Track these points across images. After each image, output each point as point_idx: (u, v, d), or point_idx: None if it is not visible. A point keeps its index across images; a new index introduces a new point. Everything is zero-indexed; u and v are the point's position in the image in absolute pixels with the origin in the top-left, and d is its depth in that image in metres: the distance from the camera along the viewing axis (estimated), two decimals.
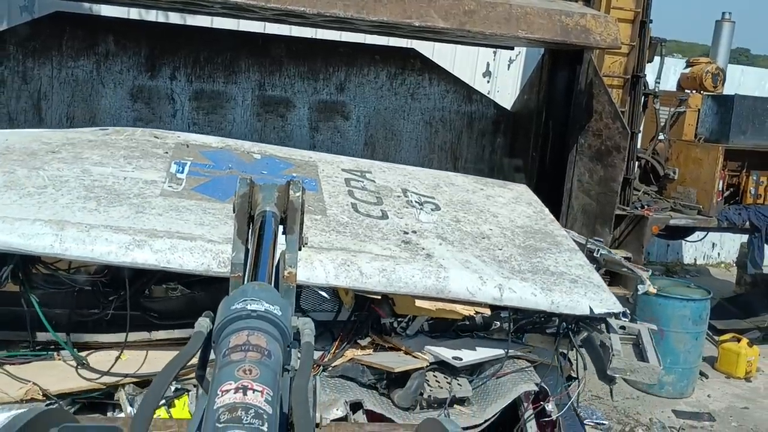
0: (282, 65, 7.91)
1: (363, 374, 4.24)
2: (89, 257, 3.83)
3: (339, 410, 3.96)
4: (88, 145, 5.13)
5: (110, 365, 4.12)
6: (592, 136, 7.43)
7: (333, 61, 8.25)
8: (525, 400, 4.29)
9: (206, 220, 4.26)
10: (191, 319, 4.18)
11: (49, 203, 4.14)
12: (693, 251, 14.72)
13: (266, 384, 1.20)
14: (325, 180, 5.26)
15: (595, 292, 4.44)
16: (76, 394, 4.01)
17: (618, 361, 4.18)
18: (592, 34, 6.59)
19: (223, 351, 1.29)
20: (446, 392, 4.16)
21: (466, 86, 8.90)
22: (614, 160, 7.20)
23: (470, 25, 6.16)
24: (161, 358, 4.25)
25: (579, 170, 7.68)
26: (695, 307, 8.12)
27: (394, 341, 4.47)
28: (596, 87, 7.35)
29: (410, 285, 4.12)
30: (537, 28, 6.35)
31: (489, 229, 5.13)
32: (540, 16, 6.35)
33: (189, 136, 5.73)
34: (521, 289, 4.25)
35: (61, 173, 4.53)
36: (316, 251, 4.13)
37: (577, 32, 6.54)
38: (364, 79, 8.31)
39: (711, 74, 10.06)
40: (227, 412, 1.11)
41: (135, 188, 4.49)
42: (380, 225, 4.71)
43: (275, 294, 1.52)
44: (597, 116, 7.33)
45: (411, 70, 8.48)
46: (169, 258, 3.83)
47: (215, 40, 7.80)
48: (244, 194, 1.86)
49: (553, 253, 4.91)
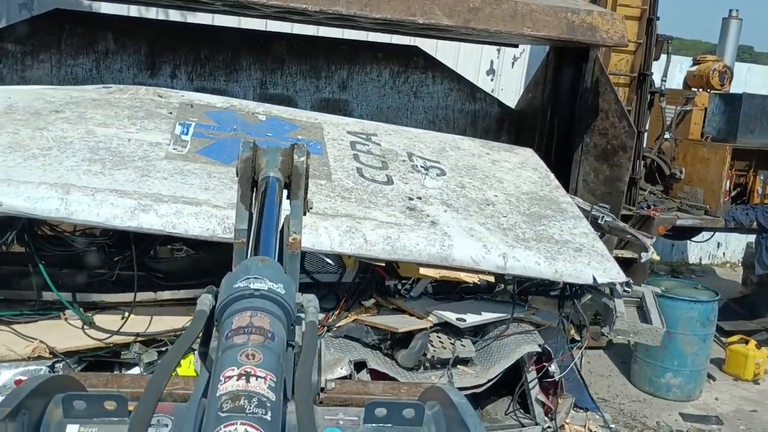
0: (284, 63, 7.94)
1: (367, 335, 4.39)
2: (95, 221, 3.91)
3: (343, 369, 4.09)
4: (91, 104, 5.17)
5: (116, 325, 4.27)
6: (598, 135, 7.45)
7: (335, 59, 8.28)
8: (528, 362, 4.47)
9: (211, 184, 4.33)
10: (196, 280, 4.45)
11: (54, 166, 4.20)
12: (698, 251, 14.58)
13: (269, 369, 1.21)
14: (330, 143, 5.33)
15: (599, 261, 4.55)
16: (82, 353, 4.18)
17: (621, 323, 4.35)
18: (599, 31, 6.59)
19: (226, 333, 1.31)
20: (449, 353, 4.32)
21: (469, 84, 8.94)
22: (620, 160, 7.21)
23: (475, 22, 6.15)
24: (167, 318, 4.37)
25: (584, 169, 7.69)
26: (703, 308, 8.09)
27: (397, 303, 4.62)
28: (602, 85, 7.37)
29: (414, 253, 4.23)
30: (542, 25, 6.34)
31: (494, 195, 5.23)
32: (546, 14, 6.34)
33: (193, 95, 5.79)
34: (525, 258, 4.38)
35: (66, 134, 4.58)
36: (321, 218, 4.21)
37: (583, 30, 6.54)
38: (367, 77, 8.36)
39: (718, 72, 9.99)
40: (230, 400, 1.13)
41: (139, 151, 4.55)
42: (385, 190, 4.80)
43: (279, 270, 1.53)
44: (603, 115, 7.36)
45: (414, 68, 8.53)
46: (174, 223, 3.93)
47: (216, 38, 7.82)
48: (247, 159, 1.88)
49: (557, 220, 5.01)
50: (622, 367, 8.88)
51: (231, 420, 1.09)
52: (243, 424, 1.08)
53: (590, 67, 7.56)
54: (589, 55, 7.55)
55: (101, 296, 4.51)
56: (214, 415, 1.13)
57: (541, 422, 4.47)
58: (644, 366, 8.34)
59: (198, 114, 5.24)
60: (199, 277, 4.60)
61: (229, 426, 1.08)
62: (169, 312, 4.47)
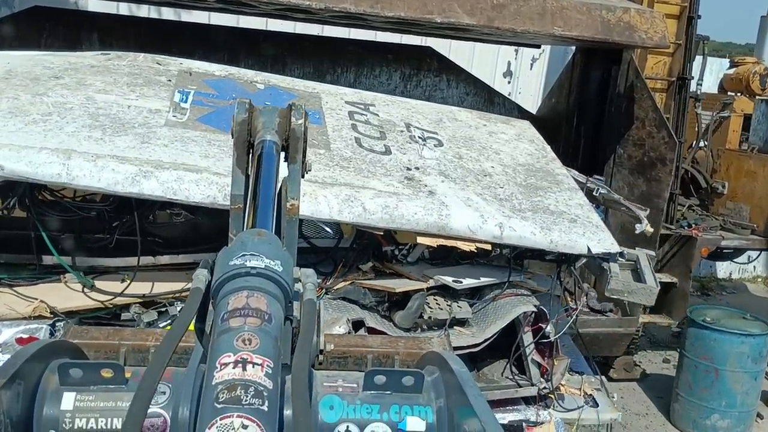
0: (285, 65, 8.16)
1: (365, 296, 4.95)
2: (96, 187, 4.36)
3: (341, 328, 4.55)
4: (90, 71, 5.69)
5: (115, 288, 4.84)
6: (633, 145, 7.60)
7: (341, 61, 8.49)
8: (524, 323, 4.99)
9: (211, 152, 4.80)
10: (195, 245, 5.29)
11: (55, 131, 4.64)
12: (728, 265, 14.86)
13: (266, 355, 1.34)
14: (328, 113, 5.90)
15: (594, 232, 5.09)
16: (82, 313, 4.69)
17: (616, 283, 4.92)
18: (637, 31, 6.66)
19: (222, 314, 1.44)
20: (446, 314, 4.86)
21: (487, 88, 9.21)
22: (659, 174, 7.38)
23: (499, 21, 6.19)
24: (166, 281, 4.95)
25: (617, 184, 7.75)
26: (755, 343, 8.15)
27: (395, 267, 5.18)
28: (638, 91, 7.44)
29: (412, 222, 4.75)
30: (575, 24, 6.38)
31: (491, 166, 5.80)
32: (578, 11, 6.37)
33: (192, 63, 6.33)
34: (521, 228, 4.93)
35: (65, 100, 5.08)
36: (321, 186, 4.65)
37: (620, 29, 6.58)
38: (376, 80, 8.71)
39: (759, 75, 10.47)
40: (226, 390, 1.26)
41: (139, 117, 5.07)
42: (383, 160, 5.34)
43: (276, 245, 1.65)
44: (639, 123, 7.49)
45: (427, 71, 8.85)
46: (175, 189, 4.41)
47: (211, 38, 8.04)
48: (243, 121, 2.06)
49: (553, 192, 5.58)
50: (659, 403, 9.08)
51: (227, 412, 1.24)
52: (239, 417, 1.23)
53: (623, 70, 7.64)
54: (622, 57, 7.60)
55: (100, 261, 5.02)
56: (210, 405, 1.26)
57: (537, 383, 5.02)
58: (687, 405, 8.49)
59: (197, 82, 5.87)
60: (197, 242, 5.18)
61: (225, 419, 1.23)
62: (169, 277, 4.99)
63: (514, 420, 5.04)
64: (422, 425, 1.64)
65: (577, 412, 5.29)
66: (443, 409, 1.64)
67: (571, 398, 5.38)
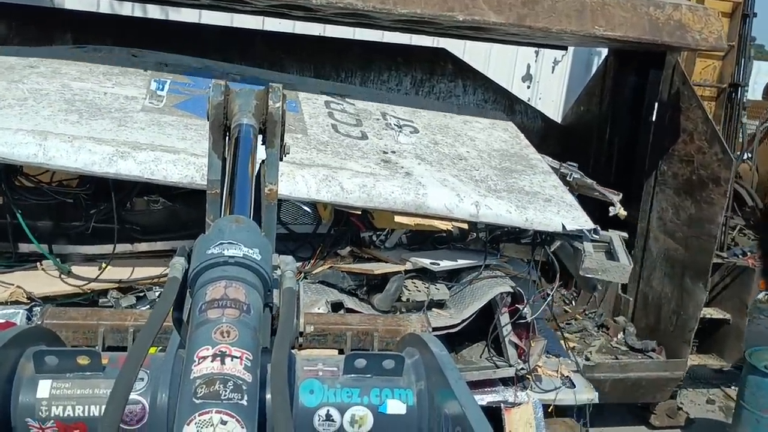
0: (283, 69, 7.42)
1: (344, 280, 4.96)
2: (73, 167, 4.30)
3: (320, 309, 4.53)
4: (66, 61, 5.66)
5: (93, 274, 4.80)
6: (679, 162, 6.60)
7: (345, 64, 7.70)
8: (501, 304, 5.02)
9: (188, 135, 4.78)
10: (173, 232, 5.32)
11: (31, 114, 4.61)
12: None
13: (245, 347, 1.31)
14: (305, 102, 5.87)
15: (568, 210, 5.11)
16: (60, 298, 4.66)
17: (590, 261, 4.92)
18: (690, 31, 5.89)
19: (200, 305, 1.41)
20: (424, 296, 4.88)
21: (507, 94, 8.31)
22: (711, 195, 6.33)
23: (531, 19, 5.48)
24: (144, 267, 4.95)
25: (660, 205, 6.87)
26: None
27: (373, 252, 5.17)
28: (685, 99, 6.51)
29: (390, 201, 4.75)
30: (618, 23, 5.65)
31: (466, 151, 5.80)
32: (622, 8, 5.67)
33: (168, 56, 6.26)
34: (497, 206, 4.94)
35: (41, 87, 5.05)
36: (298, 167, 4.65)
37: (670, 29, 5.83)
38: (384, 85, 7.86)
39: None
40: (204, 385, 1.24)
41: (116, 103, 5.04)
42: (360, 145, 5.35)
43: (254, 232, 1.62)
44: (686, 137, 6.51)
45: (441, 75, 7.99)
46: (152, 169, 4.38)
47: (202, 39, 7.39)
48: (219, 104, 2.03)
49: (528, 174, 5.58)
50: None
51: (206, 408, 1.21)
52: (218, 413, 1.21)
53: (667, 75, 6.69)
54: (666, 61, 6.66)
55: (77, 248, 4.97)
56: (188, 400, 1.23)
57: (515, 364, 5.05)
58: None
59: (173, 72, 5.87)
60: (175, 229, 5.16)
61: (204, 414, 1.21)
62: (147, 264, 4.99)
63: (492, 401, 5.07)
64: (403, 408, 1.63)
65: (555, 393, 5.32)
66: (424, 392, 1.64)
67: (549, 380, 5.42)
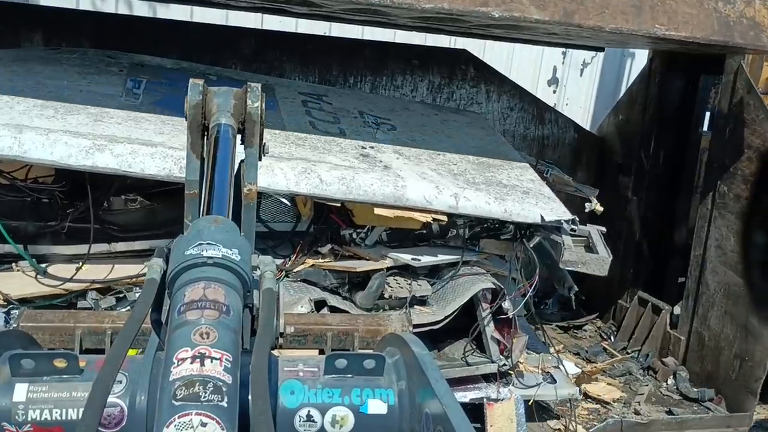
0: (283, 73, 6.93)
1: (325, 278, 4.95)
2: (49, 159, 4.23)
3: (303, 308, 4.49)
4: (39, 61, 5.58)
5: (70, 275, 4.70)
6: (743, 183, 5.92)
7: (353, 67, 7.10)
8: (483, 301, 5.01)
9: (166, 129, 4.74)
10: (151, 231, 5.28)
11: (5, 110, 4.54)
12: None
13: (225, 349, 1.32)
14: (282, 101, 5.89)
15: (546, 202, 5.11)
16: (37, 300, 4.58)
17: (570, 254, 4.93)
18: (765, 31, 5.12)
19: (178, 306, 1.40)
20: (406, 292, 4.89)
21: (535, 101, 7.61)
22: None
23: (581, 16, 4.80)
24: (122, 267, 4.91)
25: (719, 232, 6.14)
26: None
27: (353, 250, 5.16)
28: (751, 110, 5.84)
29: (369, 193, 4.74)
30: (683, 21, 4.96)
31: (444, 147, 5.85)
32: (686, 4, 4.98)
33: (144, 57, 6.23)
34: (476, 198, 4.94)
35: (14, 84, 4.99)
36: (277, 160, 4.62)
37: (742, 29, 5.07)
38: (398, 91, 7.24)
39: None
40: (184, 387, 1.23)
41: (92, 100, 4.99)
42: (338, 140, 5.35)
43: (233, 233, 1.61)
44: (751, 153, 5.83)
45: (462, 80, 7.35)
46: (130, 162, 4.32)
47: (192, 38, 6.85)
48: (197, 104, 2.02)
49: (505, 169, 5.62)
50: None
51: (186, 410, 1.21)
52: (198, 414, 1.21)
53: (727, 81, 6.00)
54: (726, 66, 5.99)
55: (53, 248, 4.90)
56: (167, 402, 1.22)
57: (497, 360, 5.04)
58: None
59: (149, 72, 5.83)
60: (154, 228, 5.10)
61: (184, 416, 1.21)
62: (125, 263, 4.93)
63: (475, 398, 5.07)
64: (384, 408, 1.63)
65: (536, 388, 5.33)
66: (405, 392, 1.64)
67: (531, 375, 5.42)
